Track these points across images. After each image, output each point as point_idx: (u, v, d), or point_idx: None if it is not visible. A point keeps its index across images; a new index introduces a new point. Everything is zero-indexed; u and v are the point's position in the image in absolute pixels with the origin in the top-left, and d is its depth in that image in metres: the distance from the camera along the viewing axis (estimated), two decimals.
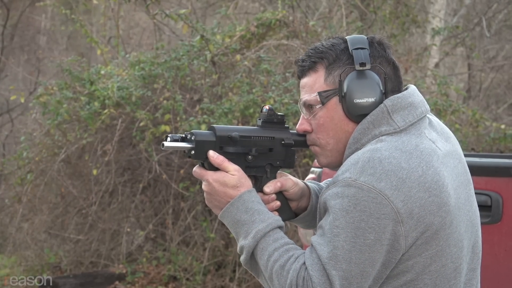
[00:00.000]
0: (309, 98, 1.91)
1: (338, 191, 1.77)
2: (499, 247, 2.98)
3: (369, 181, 1.74)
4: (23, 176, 7.16)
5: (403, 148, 1.80)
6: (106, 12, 9.19)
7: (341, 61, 1.90)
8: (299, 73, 1.95)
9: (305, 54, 1.94)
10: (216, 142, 1.90)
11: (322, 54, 1.91)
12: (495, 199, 2.97)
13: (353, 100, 1.86)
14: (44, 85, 7.32)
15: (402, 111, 1.86)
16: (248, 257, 1.85)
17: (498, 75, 11.46)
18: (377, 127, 1.85)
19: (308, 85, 1.92)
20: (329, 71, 1.90)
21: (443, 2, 10.52)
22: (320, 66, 1.91)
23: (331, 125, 1.90)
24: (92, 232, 7.09)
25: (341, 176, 1.79)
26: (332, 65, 1.90)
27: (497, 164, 3.08)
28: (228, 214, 1.88)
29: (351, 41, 1.90)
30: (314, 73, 1.92)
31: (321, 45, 1.94)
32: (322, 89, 1.90)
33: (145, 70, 6.81)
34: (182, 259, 6.67)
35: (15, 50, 13.50)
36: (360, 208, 1.74)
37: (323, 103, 1.89)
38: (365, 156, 1.78)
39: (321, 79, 1.90)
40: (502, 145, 7.30)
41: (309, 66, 1.92)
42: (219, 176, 1.89)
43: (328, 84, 1.90)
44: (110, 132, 6.91)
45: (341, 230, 1.75)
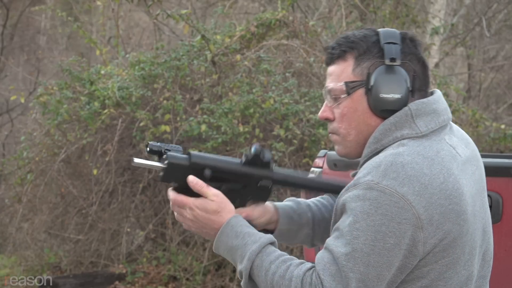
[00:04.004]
0: (335, 86, 1.89)
1: (360, 194, 1.75)
2: (499, 247, 2.98)
3: (392, 185, 1.73)
4: (23, 176, 7.16)
5: (425, 154, 1.78)
6: (105, 12, 9.19)
7: (371, 53, 1.87)
8: (327, 60, 1.93)
9: (336, 42, 1.91)
10: (188, 168, 1.85)
11: (353, 44, 1.88)
12: (495, 199, 2.97)
13: (379, 94, 1.84)
14: (44, 85, 7.32)
15: (426, 116, 1.84)
16: (247, 280, 1.82)
17: (498, 75, 11.46)
18: (399, 130, 1.83)
19: (335, 74, 1.90)
20: (358, 62, 1.87)
21: (443, 2, 10.52)
22: (349, 55, 1.88)
23: (354, 116, 1.88)
24: (92, 232, 7.09)
25: (362, 178, 1.77)
26: (362, 56, 1.87)
27: (497, 164, 3.08)
28: (220, 243, 1.87)
29: (383, 35, 1.88)
30: (342, 62, 1.89)
31: (353, 34, 1.90)
32: (349, 79, 1.87)
33: (145, 70, 6.82)
34: (182, 259, 6.68)
35: (15, 50, 13.50)
36: (382, 211, 1.72)
37: (349, 94, 1.87)
38: (388, 160, 1.76)
39: (349, 69, 1.88)
40: (502, 145, 7.30)
41: (338, 55, 1.89)
42: (201, 203, 1.87)
43: (356, 75, 1.87)
44: (110, 132, 6.91)
45: (361, 233, 1.73)
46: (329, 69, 1.92)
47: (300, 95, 6.71)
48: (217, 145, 6.35)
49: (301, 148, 6.55)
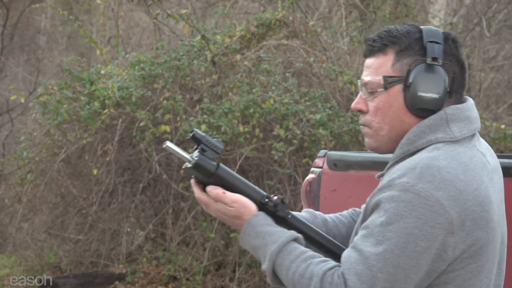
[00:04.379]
0: (372, 79, 1.88)
1: (395, 195, 1.73)
2: None
3: (428, 189, 1.72)
4: (23, 176, 7.16)
5: (460, 159, 1.78)
6: (105, 12, 9.19)
7: (413, 50, 1.86)
8: (366, 52, 1.92)
9: (377, 35, 1.90)
10: (210, 175, 1.89)
11: (395, 39, 1.87)
12: None
13: (417, 92, 1.83)
14: (44, 85, 7.32)
15: (460, 122, 1.84)
16: (272, 278, 1.84)
17: (498, 75, 11.46)
18: (433, 133, 1.83)
19: (374, 67, 1.89)
20: (398, 58, 1.86)
21: (443, 2, 10.52)
22: (390, 50, 1.87)
23: (389, 111, 1.87)
24: (92, 232, 7.09)
25: (398, 180, 1.75)
26: (403, 52, 1.86)
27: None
28: (244, 243, 1.89)
29: (426, 33, 1.86)
30: (382, 56, 1.88)
31: (396, 29, 1.89)
32: (388, 73, 1.87)
33: (145, 70, 6.82)
34: (182, 259, 6.68)
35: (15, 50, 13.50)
36: (416, 214, 1.71)
37: (386, 88, 1.87)
38: (424, 163, 1.76)
39: (388, 63, 1.87)
40: (502, 145, 7.30)
41: (379, 48, 1.88)
42: (221, 208, 1.90)
43: (395, 70, 1.86)
44: (110, 132, 6.91)
45: (393, 234, 1.72)
46: (368, 62, 1.91)
47: (300, 95, 6.71)
48: None
49: (301, 148, 6.55)
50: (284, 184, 6.52)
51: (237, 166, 6.37)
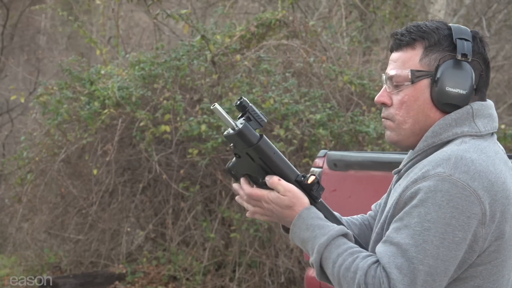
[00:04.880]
0: (400, 73, 1.87)
1: (431, 185, 1.73)
2: None
3: (464, 179, 1.73)
4: (23, 176, 7.16)
5: (487, 153, 1.80)
6: (106, 12, 9.19)
7: (442, 46, 1.86)
8: (394, 46, 1.92)
9: (406, 29, 1.90)
10: (251, 146, 1.87)
11: (424, 34, 1.87)
12: None
13: (445, 87, 1.84)
14: (44, 85, 7.32)
15: (484, 118, 1.87)
16: (319, 271, 1.84)
17: (498, 75, 11.46)
18: (459, 126, 1.84)
19: (401, 60, 1.88)
20: (427, 53, 1.86)
21: (443, 2, 10.52)
22: (419, 44, 1.87)
23: (414, 105, 1.87)
24: (92, 232, 7.09)
25: (432, 170, 1.75)
26: (432, 47, 1.86)
27: None
28: (294, 236, 1.88)
29: (456, 30, 1.87)
30: (411, 50, 1.88)
31: (425, 25, 1.89)
32: (415, 68, 1.86)
33: (145, 70, 6.82)
34: (182, 259, 6.68)
35: (15, 50, 13.51)
36: (453, 204, 1.71)
37: (413, 82, 1.86)
38: (458, 154, 1.76)
39: (416, 57, 1.87)
40: (502, 145, 7.30)
41: (407, 42, 1.88)
42: (274, 197, 1.89)
43: (423, 65, 1.86)
44: (110, 132, 6.91)
45: (432, 225, 1.71)
46: (394, 55, 1.91)
47: (300, 95, 6.71)
48: (217, 145, 6.36)
49: (301, 148, 6.55)
50: None
51: None
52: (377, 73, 7.51)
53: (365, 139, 6.60)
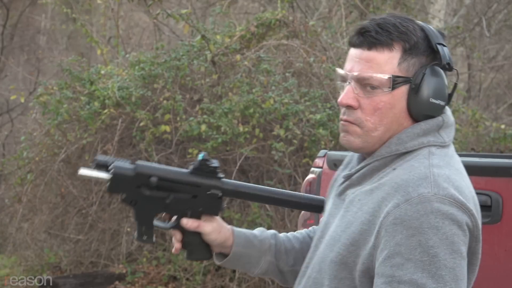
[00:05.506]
0: (377, 76, 1.69)
1: (419, 209, 1.59)
2: (499, 247, 2.98)
3: (450, 194, 1.61)
4: (23, 176, 7.16)
5: (455, 166, 1.71)
6: (106, 12, 9.19)
7: (419, 50, 1.71)
8: (365, 43, 1.71)
9: (380, 27, 1.71)
10: (133, 178, 1.81)
11: (403, 36, 1.70)
12: (495, 199, 2.97)
13: (428, 98, 1.71)
14: (44, 85, 7.32)
15: (447, 128, 1.76)
16: None
17: (498, 75, 11.47)
18: (425, 136, 1.72)
19: (377, 62, 1.70)
20: (405, 56, 1.70)
21: (443, 2, 10.52)
22: (397, 46, 1.70)
23: (389, 113, 1.71)
24: (92, 232, 7.09)
25: (414, 192, 1.60)
26: (411, 51, 1.71)
27: (497, 164, 3.08)
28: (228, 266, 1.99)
29: (431, 33, 1.73)
30: (388, 52, 1.70)
31: (401, 24, 1.72)
32: (395, 73, 1.70)
33: (145, 70, 6.82)
34: (182, 259, 6.68)
35: (15, 50, 13.50)
36: (448, 222, 1.59)
37: (392, 89, 1.70)
38: (433, 171, 1.64)
39: (394, 61, 1.70)
40: (502, 145, 7.30)
41: (385, 42, 1.70)
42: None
43: (401, 70, 1.70)
44: (110, 132, 6.91)
45: (438, 249, 1.57)
46: (367, 54, 1.71)
47: (300, 95, 6.71)
48: (217, 145, 6.35)
49: (301, 148, 6.55)
50: (284, 184, 6.52)
51: (237, 166, 6.38)
52: None
53: None
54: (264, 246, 1.95)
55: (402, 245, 1.58)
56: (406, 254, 1.58)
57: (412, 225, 1.58)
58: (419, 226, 1.58)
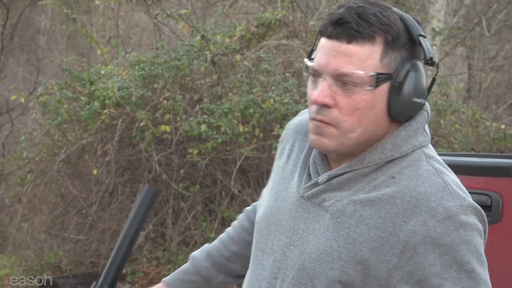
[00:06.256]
0: (358, 74, 1.51)
1: (448, 224, 1.48)
2: (499, 247, 2.98)
3: (470, 204, 1.53)
4: (23, 176, 7.16)
5: (443, 161, 1.64)
6: (106, 12, 9.19)
7: (400, 42, 1.54)
8: (344, 35, 1.52)
9: (360, 17, 1.52)
10: None
11: (385, 27, 1.52)
12: (495, 199, 2.97)
13: (411, 97, 1.55)
14: (44, 85, 7.32)
15: (427, 123, 1.65)
16: None
17: (498, 75, 11.47)
18: (416, 137, 1.59)
19: (358, 57, 1.52)
20: (387, 51, 1.53)
21: (443, 2, 10.52)
22: (379, 39, 1.52)
23: (369, 113, 1.54)
24: (92, 232, 7.09)
25: (440, 207, 1.49)
26: (393, 44, 1.53)
27: (497, 164, 3.08)
28: None
29: (411, 23, 1.55)
30: (369, 45, 1.52)
31: (381, 14, 1.53)
32: (377, 69, 1.52)
33: (145, 70, 6.82)
34: (182, 259, 6.68)
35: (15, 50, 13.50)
36: (474, 233, 1.51)
37: (375, 87, 1.52)
38: (445, 180, 1.54)
39: (376, 56, 1.52)
40: (502, 145, 7.31)
41: (366, 35, 1.51)
42: None
43: (383, 66, 1.53)
44: (110, 132, 6.91)
45: (473, 264, 1.49)
46: (346, 48, 1.53)
47: (300, 95, 6.72)
48: (217, 145, 6.36)
49: None
50: None
51: (237, 166, 6.38)
52: None
53: None
54: (204, 274, 1.90)
55: (436, 264, 1.48)
56: (443, 273, 1.47)
57: (444, 242, 1.48)
58: (451, 242, 1.48)
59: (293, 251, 1.61)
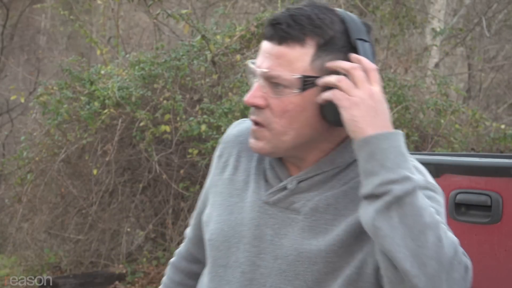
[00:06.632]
0: (286, 75, 1.50)
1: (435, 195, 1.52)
2: (499, 247, 2.98)
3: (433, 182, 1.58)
4: (23, 176, 7.16)
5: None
6: (106, 12, 9.19)
7: (336, 46, 1.51)
8: (276, 37, 1.51)
9: (292, 19, 1.50)
10: None
11: (317, 30, 1.50)
12: (495, 199, 2.97)
13: None
14: (44, 85, 7.32)
15: None
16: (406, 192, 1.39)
17: (498, 75, 11.47)
18: None
19: (287, 59, 1.50)
20: (319, 53, 1.50)
21: (443, 2, 10.52)
22: (310, 41, 1.50)
23: (299, 116, 1.51)
24: (92, 232, 7.09)
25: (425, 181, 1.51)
26: (326, 47, 1.50)
27: (497, 164, 3.08)
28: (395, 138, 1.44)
29: (352, 25, 1.52)
30: (299, 47, 1.50)
31: (317, 16, 1.51)
32: (306, 72, 1.50)
33: (145, 70, 6.82)
34: None
35: (15, 50, 13.51)
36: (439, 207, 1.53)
37: (302, 90, 1.50)
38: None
39: (306, 58, 1.50)
40: (502, 145, 7.30)
41: (297, 37, 1.50)
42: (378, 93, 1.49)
43: (314, 69, 1.50)
44: (110, 132, 6.91)
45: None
46: (276, 49, 1.51)
47: None
48: (217, 145, 6.35)
49: None
50: None
51: None
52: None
53: None
54: None
55: None
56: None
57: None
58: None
59: (265, 259, 1.57)
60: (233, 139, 1.74)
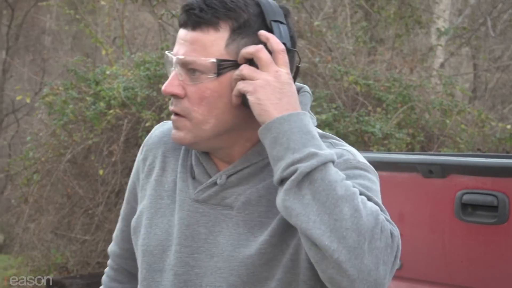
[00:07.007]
0: (200, 60, 1.47)
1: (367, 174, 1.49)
2: (506, 247, 2.98)
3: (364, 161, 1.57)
4: (30, 176, 7.17)
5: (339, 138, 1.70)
6: (111, 12, 9.21)
7: (252, 28, 1.47)
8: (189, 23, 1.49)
9: (205, 3, 1.47)
10: None
11: (231, 13, 1.47)
12: (501, 200, 2.97)
13: None
14: (50, 85, 7.33)
15: None
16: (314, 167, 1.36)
17: (503, 75, 11.46)
18: None
19: (201, 44, 1.47)
20: (234, 37, 1.47)
21: (448, 2, 10.52)
22: (224, 25, 1.47)
23: (217, 102, 1.49)
24: (98, 233, 7.10)
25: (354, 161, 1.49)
26: (240, 30, 1.47)
27: (503, 164, 3.08)
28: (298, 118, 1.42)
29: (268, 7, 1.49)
30: (213, 32, 1.47)
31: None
32: (221, 56, 1.47)
33: (150, 70, 6.83)
34: None
35: (20, 50, 13.54)
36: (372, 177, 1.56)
37: (218, 75, 1.47)
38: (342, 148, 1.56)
39: (221, 42, 1.47)
40: (508, 145, 7.30)
41: (209, 21, 1.47)
42: None
43: (229, 53, 1.47)
44: (116, 132, 6.92)
45: None
46: (190, 35, 1.48)
47: None
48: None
49: None
50: None
51: None
52: (383, 73, 7.51)
53: (370, 140, 6.60)
54: None
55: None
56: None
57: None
58: None
59: (199, 259, 1.54)
60: (157, 140, 1.69)
